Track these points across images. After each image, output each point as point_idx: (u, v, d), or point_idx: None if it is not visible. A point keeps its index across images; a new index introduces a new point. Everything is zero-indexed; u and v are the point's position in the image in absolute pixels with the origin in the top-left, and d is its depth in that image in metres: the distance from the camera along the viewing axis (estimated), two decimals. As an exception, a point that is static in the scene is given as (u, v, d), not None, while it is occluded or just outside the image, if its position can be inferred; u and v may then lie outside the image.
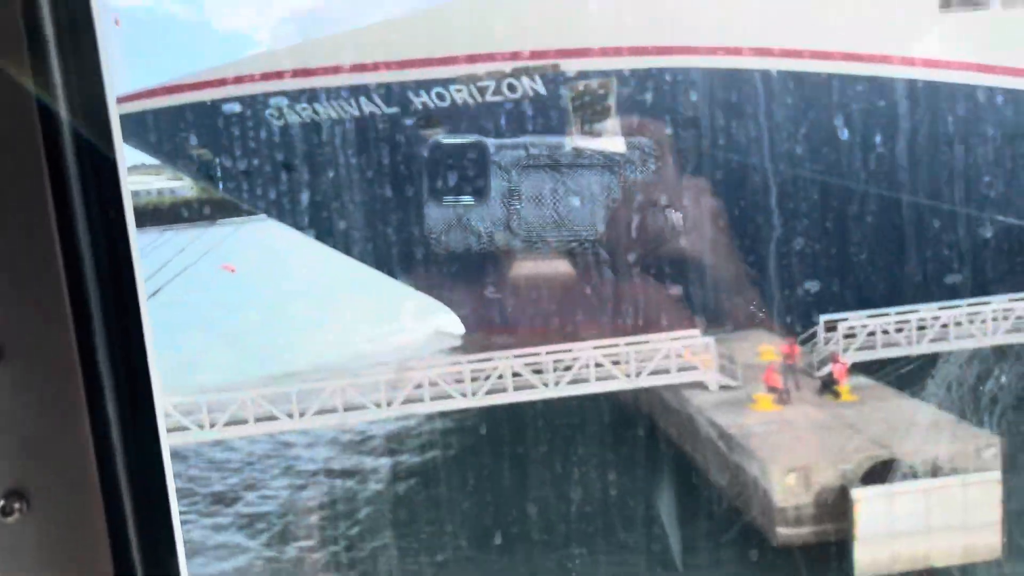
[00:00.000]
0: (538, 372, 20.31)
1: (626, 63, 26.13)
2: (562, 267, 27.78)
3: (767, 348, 22.22)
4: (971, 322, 21.63)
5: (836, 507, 15.63)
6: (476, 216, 28.65)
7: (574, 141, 26.70)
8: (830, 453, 16.60)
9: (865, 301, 23.55)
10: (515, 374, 19.94)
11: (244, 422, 18.86)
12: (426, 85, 26.57)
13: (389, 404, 19.47)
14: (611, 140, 26.96)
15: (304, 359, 30.70)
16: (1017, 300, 21.78)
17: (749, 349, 22.53)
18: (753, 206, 25.14)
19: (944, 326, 21.38)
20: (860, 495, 15.24)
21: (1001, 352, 21.57)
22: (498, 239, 28.09)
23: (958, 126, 26.36)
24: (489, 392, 19.79)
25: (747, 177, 25.74)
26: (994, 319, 21.55)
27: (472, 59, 26.25)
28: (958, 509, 15.33)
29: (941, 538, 15.29)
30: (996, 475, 15.49)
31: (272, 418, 18.97)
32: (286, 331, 35.34)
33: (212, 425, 18.80)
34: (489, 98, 26.70)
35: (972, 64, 26.26)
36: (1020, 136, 26.70)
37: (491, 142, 27.88)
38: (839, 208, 25.32)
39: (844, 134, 25.89)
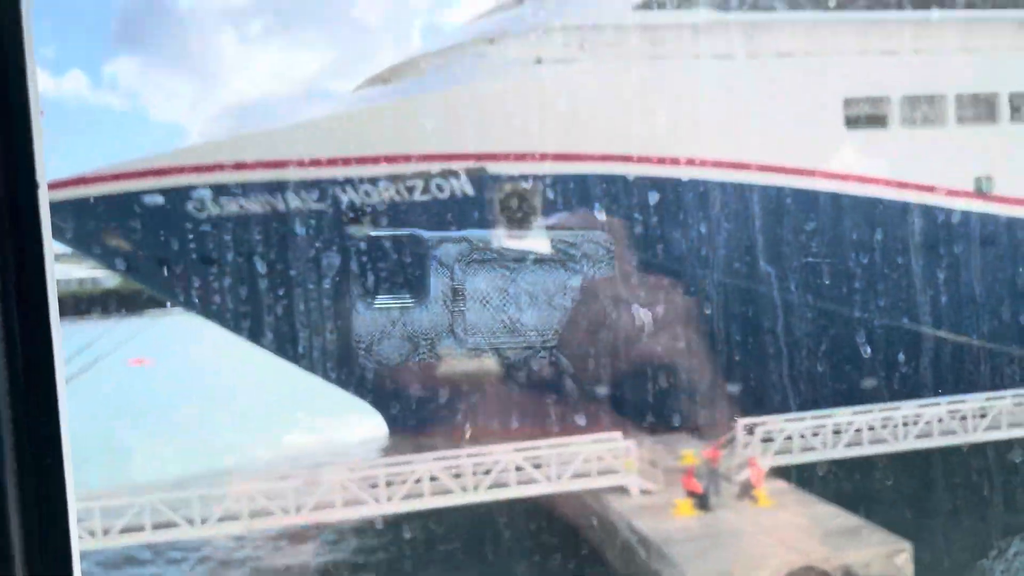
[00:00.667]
0: (457, 476, 19.79)
1: (554, 168, 26.85)
2: (502, 370, 27.48)
3: (688, 452, 22.17)
4: (883, 427, 22.09)
5: (754, 618, 15.37)
6: (414, 320, 28.21)
7: (507, 240, 26.99)
8: (747, 560, 16.42)
9: (787, 404, 23.97)
10: (432, 478, 19.38)
11: (140, 529, 17.75)
12: (353, 183, 26.75)
13: (299, 510, 18.63)
14: (541, 241, 27.37)
15: (199, 462, 29.41)
16: (926, 406, 22.39)
17: (671, 452, 22.49)
18: (672, 309, 25.63)
19: (858, 431, 21.76)
20: (776, 605, 15.03)
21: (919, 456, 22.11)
22: (440, 347, 27.52)
23: (870, 236, 27.67)
24: (405, 497, 19.14)
25: (670, 281, 26.36)
26: (904, 424, 22.06)
27: (400, 159, 26.62)
28: (873, 619, 15.24)
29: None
30: (908, 583, 15.51)
31: (171, 525, 17.91)
32: (195, 429, 33.95)
33: (106, 532, 17.61)
34: (417, 197, 26.99)
35: (877, 178, 27.82)
36: (927, 247, 28.09)
37: (429, 235, 27.83)
38: (761, 312, 26.00)
39: (760, 241, 26.89)
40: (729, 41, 27.31)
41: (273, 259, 27.38)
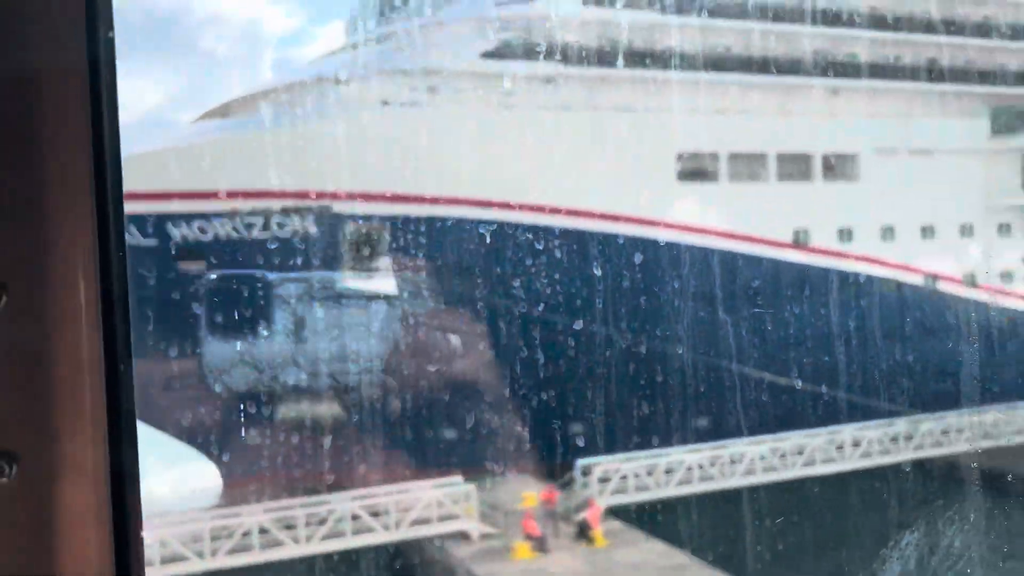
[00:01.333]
0: (290, 528, 18.93)
1: (398, 209, 26.73)
2: (342, 405, 26.70)
3: (529, 494, 22.28)
4: (712, 465, 23.10)
5: (587, 661, 15.47)
6: (257, 354, 27.08)
7: (350, 279, 26.49)
8: (582, 603, 16.59)
9: (626, 444, 24.66)
10: (262, 530, 18.43)
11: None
12: (187, 218, 25.59)
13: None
14: (385, 280, 27.05)
15: None
16: (751, 445, 23.63)
17: (513, 495, 22.52)
18: (513, 351, 25.94)
19: (689, 469, 22.65)
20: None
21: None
22: (283, 377, 26.57)
23: (702, 282, 29.19)
24: (232, 552, 18.08)
25: (507, 322, 26.71)
26: (732, 462, 23.18)
27: (239, 195, 25.74)
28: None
29: None
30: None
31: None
32: None
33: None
34: (257, 234, 26.10)
35: (707, 228, 29.50)
36: (749, 293, 29.93)
37: (273, 276, 26.97)
38: (598, 355, 26.70)
39: (599, 286, 27.78)
40: (572, 93, 28.39)
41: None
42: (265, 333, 26.05)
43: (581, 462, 22.37)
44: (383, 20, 30.44)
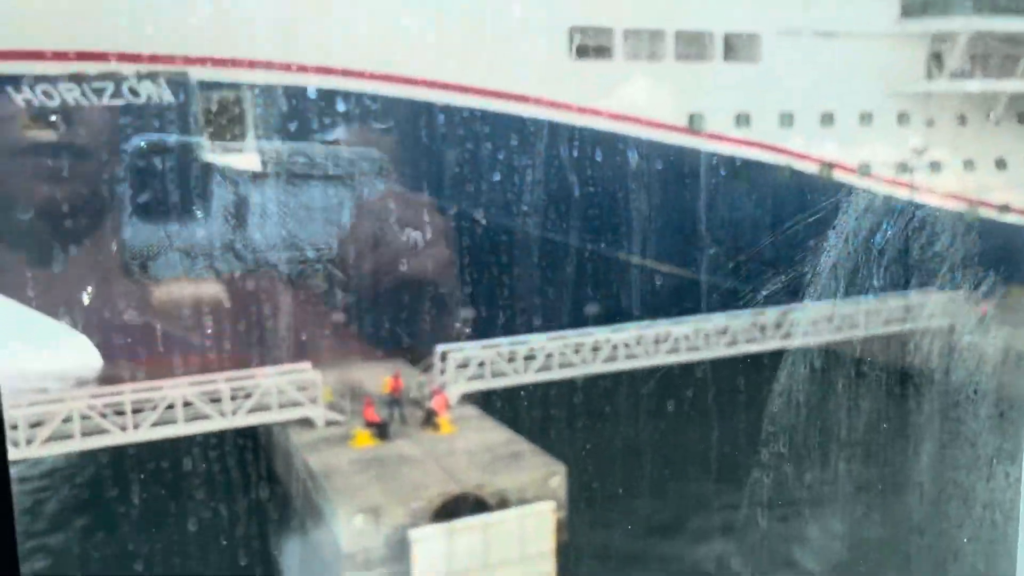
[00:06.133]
0: (119, 414, 18.18)
1: (262, 77, 24.97)
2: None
3: (388, 380, 21.86)
4: (576, 351, 22.88)
5: (404, 549, 15.35)
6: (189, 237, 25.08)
7: (206, 152, 24.94)
8: (408, 491, 16.37)
9: (489, 331, 24.28)
10: (84, 416, 17.65)
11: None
12: (31, 81, 23.44)
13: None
14: (247, 156, 25.56)
15: None
16: (616, 332, 23.39)
17: (376, 380, 22.08)
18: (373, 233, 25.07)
19: (549, 356, 22.39)
20: (417, 536, 15.09)
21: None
22: (221, 264, 24.71)
23: (590, 166, 28.23)
24: (50, 440, 17.34)
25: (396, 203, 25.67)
26: (594, 349, 22.98)
27: (87, 57, 23.62)
28: (515, 542, 15.73)
29: (498, 572, 15.57)
30: (549, 505, 16.11)
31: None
32: None
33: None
34: (107, 101, 24.13)
35: (599, 109, 28.31)
36: (640, 179, 29.13)
37: (202, 142, 24.58)
38: (464, 240, 25.96)
39: (481, 166, 26.69)
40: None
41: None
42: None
43: (440, 347, 21.90)
44: None
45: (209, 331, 25.18)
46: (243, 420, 19.19)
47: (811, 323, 26.21)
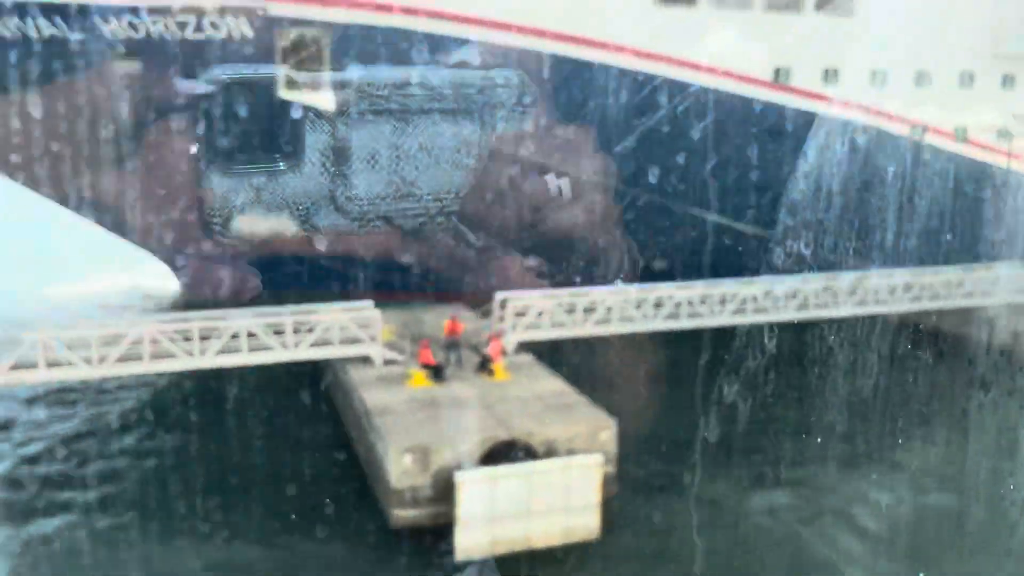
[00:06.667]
0: (187, 340, 18.81)
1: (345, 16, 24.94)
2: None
3: (447, 323, 21.99)
4: (637, 307, 22.54)
5: (449, 489, 15.55)
6: (280, 191, 24.18)
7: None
8: (458, 433, 16.51)
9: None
10: (153, 340, 18.33)
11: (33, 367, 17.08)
12: (116, 12, 23.91)
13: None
14: (323, 93, 25.22)
15: None
16: (679, 290, 22.91)
17: (436, 322, 22.26)
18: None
19: (609, 309, 22.12)
20: (463, 478, 15.24)
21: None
22: (319, 220, 24.17)
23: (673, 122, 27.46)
24: (120, 361, 18.09)
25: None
26: (656, 305, 22.59)
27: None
28: (560, 491, 15.74)
29: (541, 520, 15.65)
30: (597, 458, 16.03)
31: (68, 363, 17.35)
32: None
33: None
34: (190, 35, 24.49)
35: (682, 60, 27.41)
36: (719, 135, 28.20)
37: (298, 76, 23.68)
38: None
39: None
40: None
41: (37, 92, 24.48)
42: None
43: (500, 295, 21.86)
44: None
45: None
46: (304, 354, 19.61)
47: (889, 291, 25.21)
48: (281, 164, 24.88)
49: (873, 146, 29.47)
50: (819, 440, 20.30)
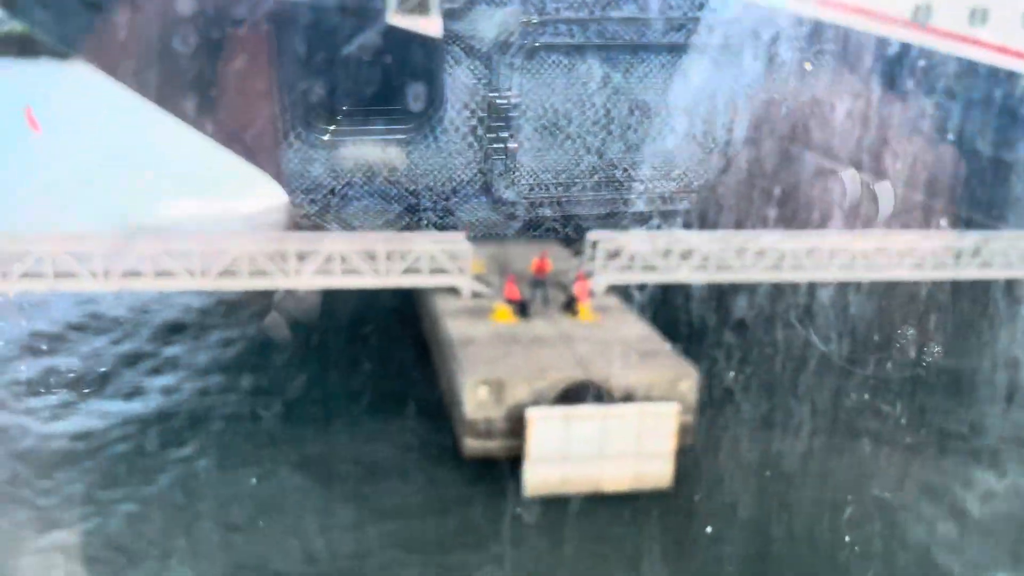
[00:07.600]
0: (283, 260, 19.39)
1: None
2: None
3: (535, 260, 21.78)
4: (737, 255, 21.61)
5: (522, 425, 15.58)
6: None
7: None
8: (535, 370, 16.45)
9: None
10: (250, 259, 18.98)
11: (40, 276, 18.13)
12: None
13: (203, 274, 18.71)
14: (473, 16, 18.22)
15: (97, 220, 29.11)
16: (788, 240, 21.80)
17: (527, 259, 22.09)
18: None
19: (706, 257, 21.31)
20: (535, 415, 15.19)
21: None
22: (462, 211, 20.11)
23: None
24: (220, 276, 18.86)
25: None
26: (758, 254, 21.59)
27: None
28: (633, 437, 15.50)
29: (612, 464, 15.49)
30: (673, 406, 15.66)
31: (73, 275, 18.16)
32: (82, 187, 33.26)
33: (4, 276, 17.97)
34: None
35: None
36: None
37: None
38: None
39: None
40: None
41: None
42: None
43: (592, 235, 21.39)
44: None
45: None
46: (395, 280, 19.87)
47: (1020, 255, 23.22)
48: (401, 129, 16.57)
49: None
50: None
